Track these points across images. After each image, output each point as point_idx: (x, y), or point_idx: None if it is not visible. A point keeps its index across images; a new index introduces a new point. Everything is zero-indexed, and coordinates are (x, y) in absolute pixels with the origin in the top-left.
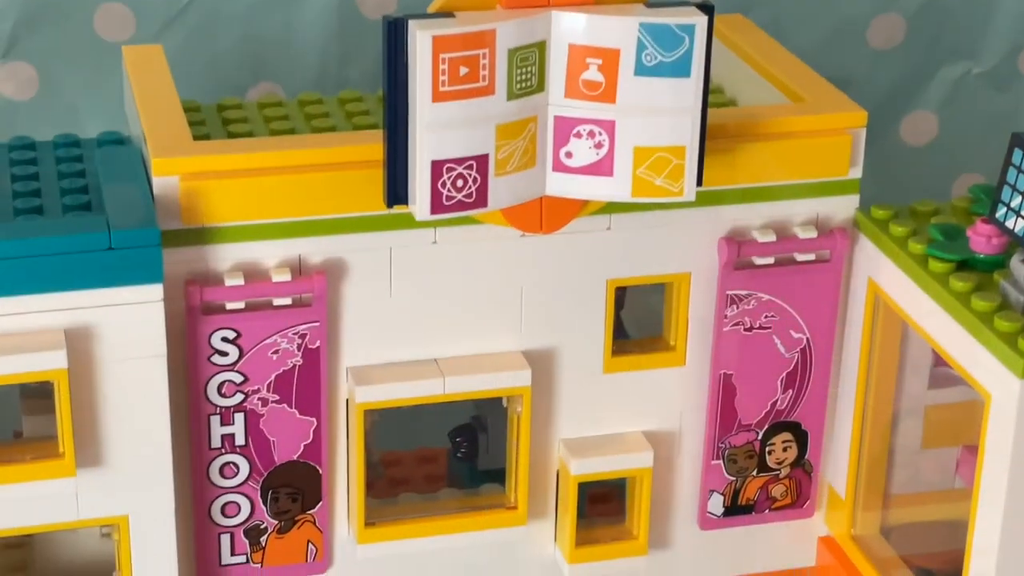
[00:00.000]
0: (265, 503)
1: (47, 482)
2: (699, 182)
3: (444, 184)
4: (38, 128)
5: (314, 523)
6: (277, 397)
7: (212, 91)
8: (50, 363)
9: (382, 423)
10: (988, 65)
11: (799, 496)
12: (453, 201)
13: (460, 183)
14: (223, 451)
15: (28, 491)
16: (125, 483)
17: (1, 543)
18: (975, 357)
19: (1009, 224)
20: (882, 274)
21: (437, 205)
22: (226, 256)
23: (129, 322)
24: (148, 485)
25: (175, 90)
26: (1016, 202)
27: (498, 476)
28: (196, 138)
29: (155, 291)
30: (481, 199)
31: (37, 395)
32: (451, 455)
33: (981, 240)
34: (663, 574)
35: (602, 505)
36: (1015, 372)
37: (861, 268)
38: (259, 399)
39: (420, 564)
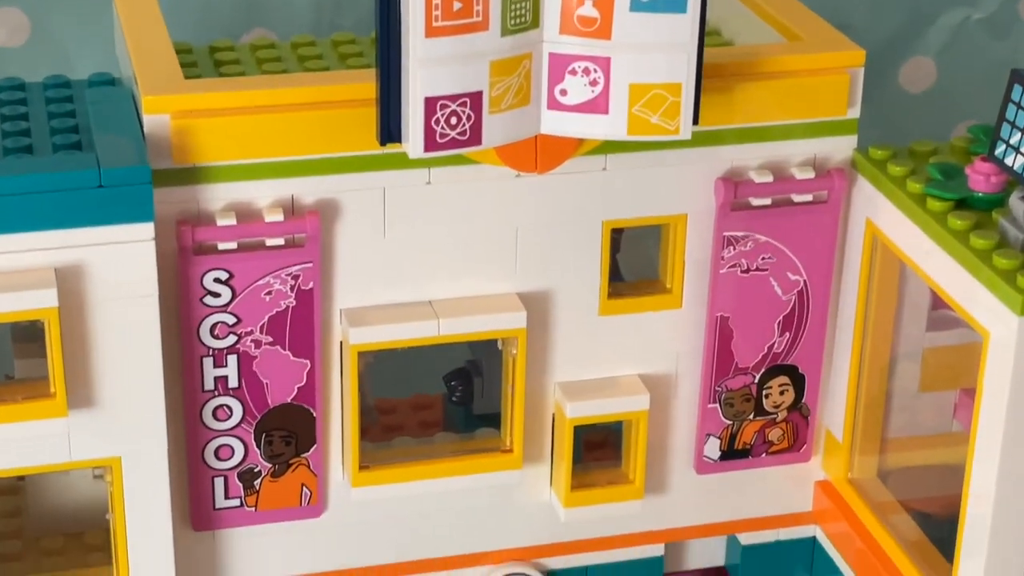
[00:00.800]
0: (259, 446)
1: (39, 423)
2: (695, 121)
3: (438, 121)
4: (30, 75)
5: (308, 466)
6: (270, 339)
7: (205, 37)
8: (40, 301)
9: (377, 370)
10: (987, 11)
11: (796, 440)
12: (447, 139)
13: (454, 120)
14: (216, 393)
15: (20, 432)
16: (117, 424)
17: None
18: (973, 295)
19: (1008, 161)
20: (880, 214)
21: (431, 142)
22: (218, 196)
23: (120, 261)
24: (140, 427)
25: (167, 32)
26: (1015, 139)
27: (493, 420)
28: (187, 79)
29: (146, 230)
30: (475, 137)
31: (29, 339)
32: (446, 400)
33: (980, 179)
34: (659, 518)
35: (598, 451)
36: (1014, 309)
37: (859, 209)
38: (252, 341)
39: (415, 508)
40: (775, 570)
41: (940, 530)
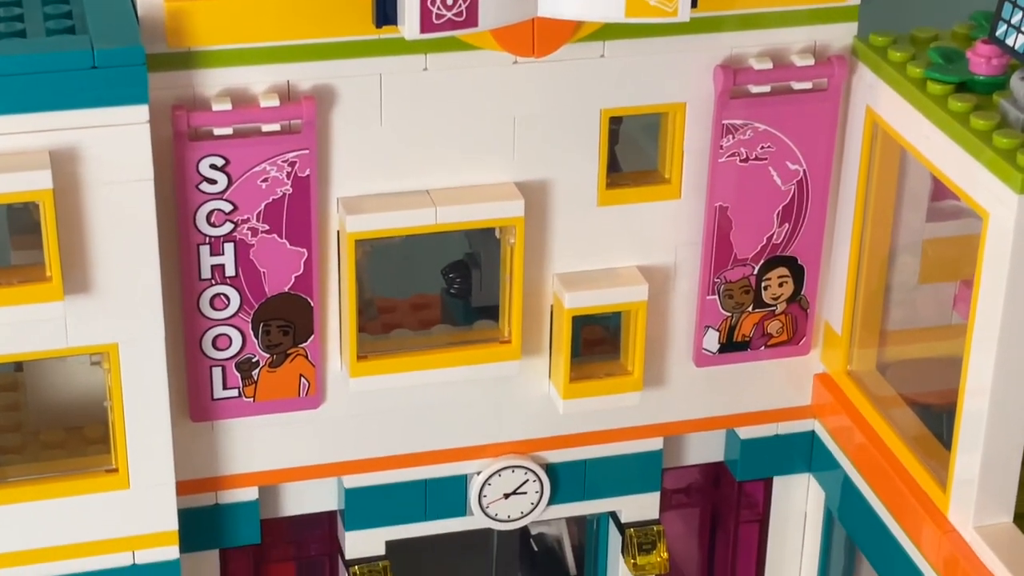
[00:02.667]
0: (256, 336)
1: (35, 307)
2: (694, 3)
3: (433, 2)
4: None
5: (306, 357)
6: (267, 227)
7: None
8: (35, 183)
9: (376, 269)
10: None
11: (795, 333)
12: (443, 19)
13: (450, 0)
14: (213, 282)
15: (16, 316)
16: (114, 311)
17: None
18: (974, 176)
19: (1009, 41)
20: (880, 101)
21: (427, 23)
22: (213, 81)
23: (115, 144)
24: (137, 313)
25: None
26: (1016, 18)
27: (492, 313)
28: None
29: (140, 112)
30: (471, 18)
31: (25, 230)
32: (444, 294)
33: (981, 61)
34: (657, 411)
35: (597, 348)
36: (1013, 188)
37: (859, 97)
38: (249, 229)
39: (413, 400)
40: (774, 464)
41: (939, 422)
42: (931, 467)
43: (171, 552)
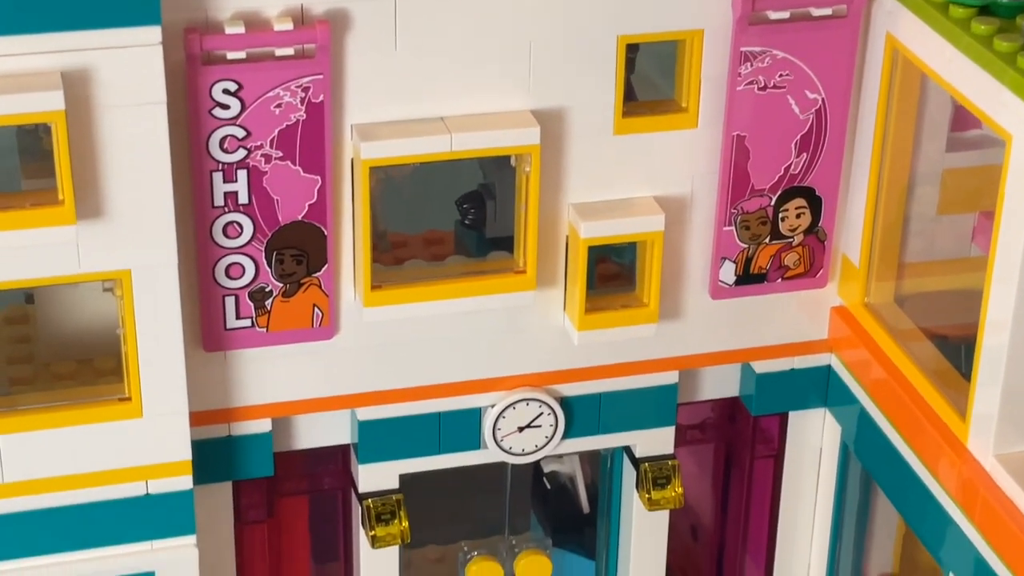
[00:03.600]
0: (270, 265)
1: (47, 231)
2: None
3: None
4: None
5: (320, 287)
6: (280, 154)
7: None
8: (47, 104)
9: (389, 204)
10: None
11: (812, 265)
12: None
13: None
14: (226, 210)
15: (29, 240)
16: (126, 236)
17: (3, 317)
18: (997, 99)
19: None
20: (901, 27)
21: None
22: (226, 4)
23: (127, 65)
24: (150, 240)
25: None
26: None
27: (506, 244)
28: None
29: (153, 33)
30: None
31: (37, 158)
32: (458, 225)
33: None
34: (673, 343)
35: (612, 283)
36: None
37: (879, 23)
38: (262, 155)
39: (427, 332)
40: (789, 399)
41: (958, 354)
42: (950, 397)
43: (184, 482)
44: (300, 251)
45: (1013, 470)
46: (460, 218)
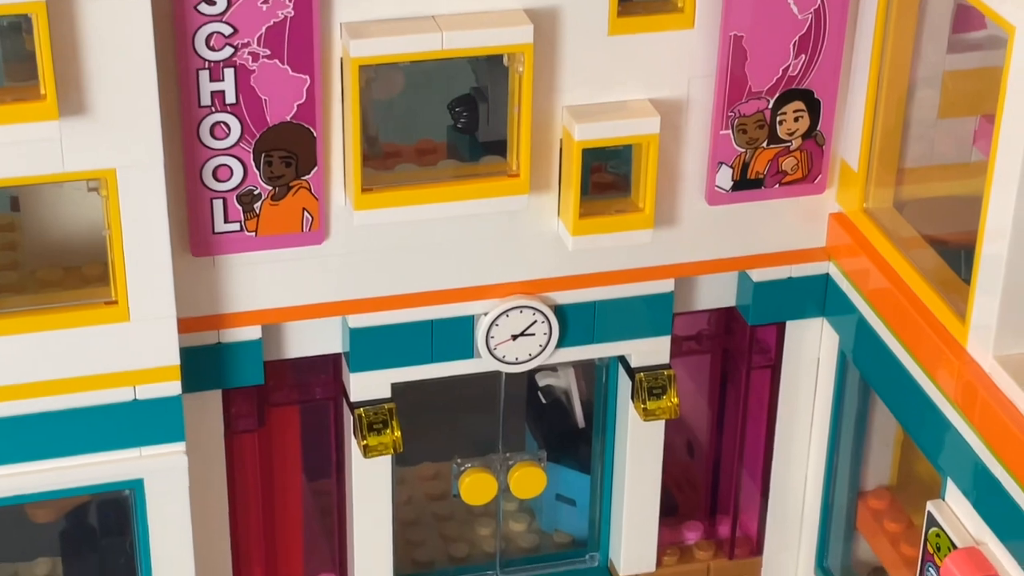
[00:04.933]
0: (258, 167)
1: (30, 126)
2: None
3: None
4: None
5: (309, 190)
6: (268, 52)
7: None
8: None
9: (380, 112)
10: None
11: (810, 170)
12: None
13: None
14: (213, 109)
15: (10, 136)
16: (111, 135)
17: None
18: None
19: None
20: None
21: None
22: None
23: None
24: (135, 138)
25: None
26: None
27: (499, 149)
28: None
29: None
30: None
31: (20, 59)
32: (451, 130)
33: None
34: (669, 251)
35: (607, 192)
36: None
37: None
38: (249, 53)
39: (419, 237)
40: (787, 308)
41: (957, 259)
42: (949, 301)
43: (173, 388)
44: (289, 153)
45: (1013, 371)
46: (452, 122)
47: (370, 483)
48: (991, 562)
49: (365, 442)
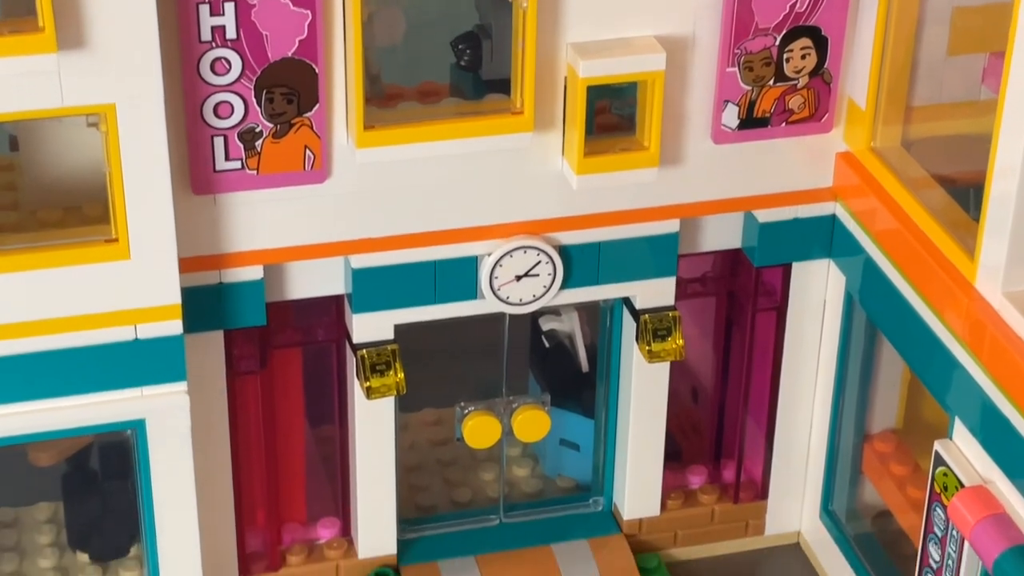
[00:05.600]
0: (259, 104)
1: (28, 59)
2: None
3: None
4: None
5: (311, 127)
6: None
7: None
8: None
9: (382, 52)
10: None
11: (817, 108)
12: None
13: None
14: (213, 45)
15: (8, 69)
16: (111, 69)
17: None
18: None
19: None
20: None
21: None
22: None
23: None
24: (135, 73)
25: None
26: None
27: (503, 87)
28: None
29: None
30: None
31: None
32: (453, 68)
33: None
34: (674, 190)
35: (612, 133)
36: None
37: None
38: None
39: (421, 176)
40: (793, 250)
41: (966, 197)
42: (958, 238)
43: (174, 327)
44: (290, 90)
45: (1022, 307)
46: (455, 60)
47: (373, 426)
48: (999, 500)
49: (368, 384)
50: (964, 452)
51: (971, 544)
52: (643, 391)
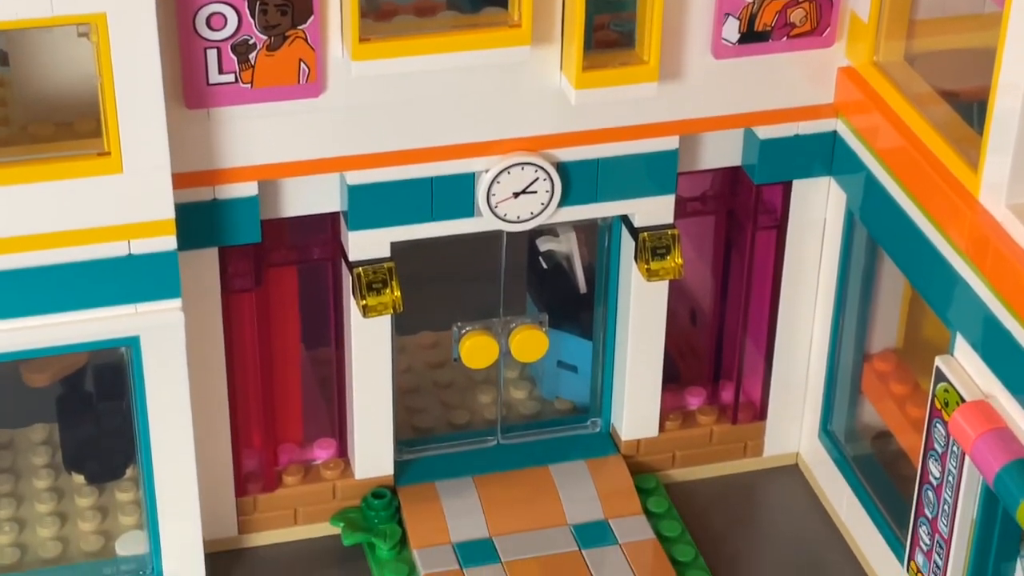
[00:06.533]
0: (253, 15)
1: None
2: None
3: None
4: None
5: (305, 40)
6: None
7: None
8: None
9: None
10: None
11: (819, 22)
12: None
13: None
14: None
15: None
16: None
17: None
18: None
19: None
20: None
21: None
22: None
23: None
24: None
25: None
26: None
27: (500, 1)
28: None
29: None
30: None
31: None
32: None
33: None
34: (674, 106)
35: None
36: None
37: None
38: None
39: (418, 90)
40: (793, 167)
41: (969, 111)
42: (961, 151)
43: (168, 243)
44: (284, 1)
45: None
46: None
47: (369, 345)
48: (1000, 415)
49: (364, 302)
50: (965, 368)
51: (972, 459)
52: (642, 311)
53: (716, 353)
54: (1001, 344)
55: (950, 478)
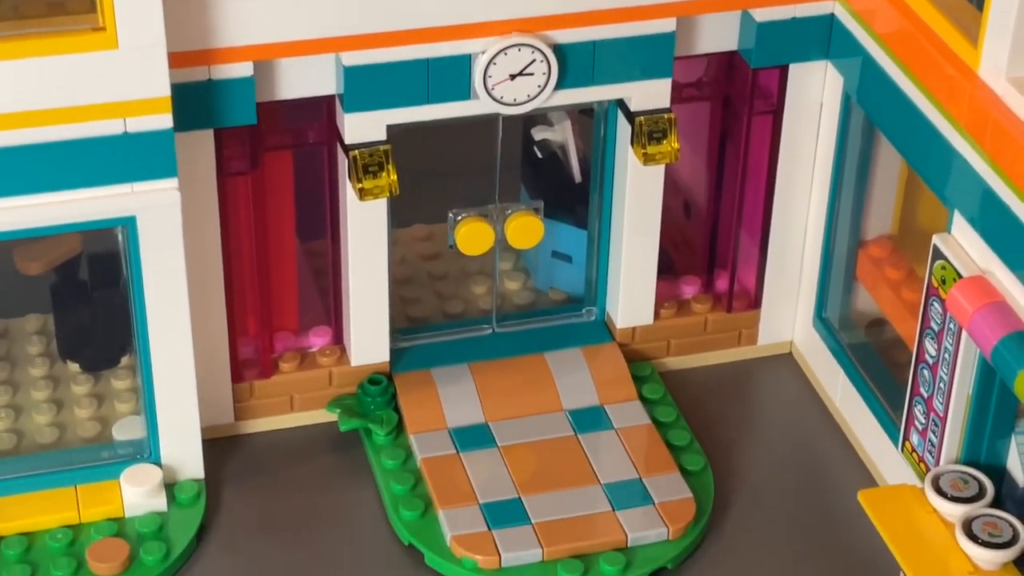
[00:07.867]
0: None
1: None
2: None
3: None
4: None
5: None
6: None
7: None
8: None
9: None
10: None
11: None
12: None
13: None
14: None
15: None
16: None
17: None
18: None
19: None
20: None
21: None
22: None
23: None
24: None
25: None
26: None
27: None
28: None
29: None
30: None
31: None
32: None
33: None
34: None
35: None
36: None
37: None
38: None
39: None
40: (790, 51)
41: None
42: (961, 26)
43: (164, 121)
44: None
45: None
46: None
47: (365, 230)
48: (997, 289)
49: (360, 185)
50: (962, 244)
51: (969, 333)
52: (637, 198)
53: (711, 242)
54: (999, 219)
55: (946, 355)
